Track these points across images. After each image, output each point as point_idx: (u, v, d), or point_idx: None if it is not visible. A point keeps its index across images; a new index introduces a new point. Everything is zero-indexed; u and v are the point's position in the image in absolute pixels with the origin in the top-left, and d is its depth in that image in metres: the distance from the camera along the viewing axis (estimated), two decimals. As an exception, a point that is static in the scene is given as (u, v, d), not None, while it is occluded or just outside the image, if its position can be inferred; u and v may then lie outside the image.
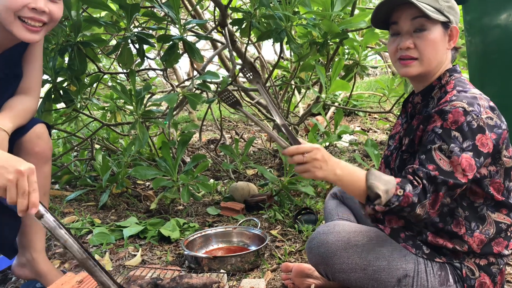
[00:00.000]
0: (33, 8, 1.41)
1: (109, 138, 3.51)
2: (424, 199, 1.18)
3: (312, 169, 1.19)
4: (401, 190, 1.17)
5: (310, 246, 1.37)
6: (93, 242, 2.11)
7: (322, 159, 1.19)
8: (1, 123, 1.46)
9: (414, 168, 1.21)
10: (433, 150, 1.20)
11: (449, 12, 1.28)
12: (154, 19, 2.47)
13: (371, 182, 1.19)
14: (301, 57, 2.67)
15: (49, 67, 2.31)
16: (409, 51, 1.29)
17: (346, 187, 1.23)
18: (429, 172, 1.18)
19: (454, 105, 1.20)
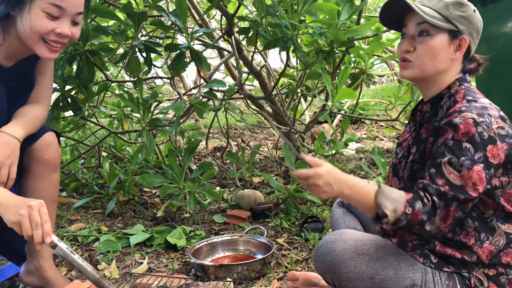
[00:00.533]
0: (59, 33, 1.47)
1: (116, 145, 3.52)
2: (433, 215, 1.17)
3: (315, 193, 1.23)
4: (410, 209, 1.17)
5: (317, 255, 1.36)
6: (100, 250, 2.12)
7: (324, 184, 1.20)
8: (13, 130, 1.50)
9: (425, 184, 1.20)
10: (442, 164, 1.19)
11: (459, 21, 1.28)
12: (162, 28, 2.49)
13: (379, 201, 1.18)
14: (307, 65, 2.68)
15: (58, 76, 2.34)
16: (407, 54, 1.31)
17: (356, 204, 1.25)
18: (439, 188, 1.17)
19: (464, 117, 1.19)
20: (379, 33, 2.70)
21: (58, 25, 1.47)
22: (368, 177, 3.10)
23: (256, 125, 5.08)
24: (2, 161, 1.43)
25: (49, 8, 1.44)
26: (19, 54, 1.58)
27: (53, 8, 1.45)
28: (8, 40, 1.52)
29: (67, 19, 1.49)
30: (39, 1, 1.44)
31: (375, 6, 4.70)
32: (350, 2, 2.46)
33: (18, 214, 1.22)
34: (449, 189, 1.17)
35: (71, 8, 1.48)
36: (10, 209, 1.25)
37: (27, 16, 1.45)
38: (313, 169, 1.21)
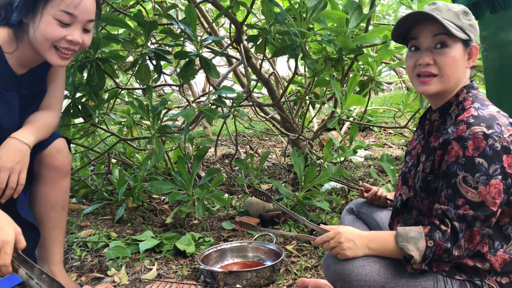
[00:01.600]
0: (70, 40, 1.48)
1: (126, 152, 3.55)
2: (457, 240, 1.18)
3: (341, 251, 1.28)
4: (431, 241, 1.19)
5: (327, 263, 1.36)
6: (110, 256, 2.13)
7: (346, 241, 1.27)
8: (24, 136, 1.51)
9: (443, 209, 1.21)
10: (458, 184, 1.19)
11: (470, 30, 1.28)
12: (171, 36, 2.51)
13: (401, 245, 1.22)
14: (316, 73, 2.69)
15: (69, 83, 2.36)
16: (428, 68, 1.28)
17: (382, 254, 1.29)
18: (458, 211, 1.18)
19: (473, 131, 1.18)
20: (387, 40, 2.70)
21: (69, 32, 1.49)
22: (377, 184, 3.09)
23: (264, 132, 5.09)
24: (12, 167, 1.44)
25: (61, 15, 1.46)
26: (31, 61, 1.60)
27: (65, 15, 1.47)
28: (21, 47, 1.55)
29: (78, 26, 1.51)
30: (51, 8, 1.46)
31: (384, 14, 4.71)
32: (358, 10, 2.47)
33: None
34: (469, 208, 1.17)
35: (82, 16, 1.50)
36: None
37: (38, 23, 1.47)
38: (332, 231, 1.30)
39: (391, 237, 1.25)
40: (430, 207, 1.33)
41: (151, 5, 3.51)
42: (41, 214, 1.66)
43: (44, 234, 1.67)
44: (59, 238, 1.71)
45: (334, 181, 2.48)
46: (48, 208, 1.67)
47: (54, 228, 1.68)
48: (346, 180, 2.94)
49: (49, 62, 1.54)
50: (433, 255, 1.19)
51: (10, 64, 1.54)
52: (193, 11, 2.24)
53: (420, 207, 1.36)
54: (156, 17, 3.24)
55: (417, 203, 1.36)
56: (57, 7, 1.46)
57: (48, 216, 1.67)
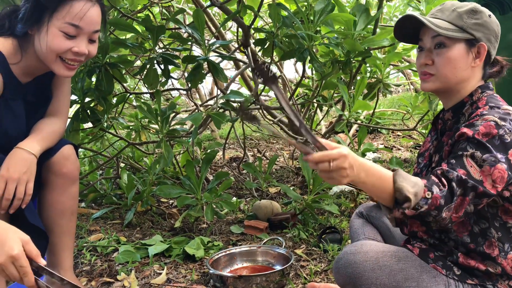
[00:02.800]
0: (76, 52, 1.49)
1: (134, 156, 3.56)
2: (450, 201, 1.14)
3: (338, 177, 1.10)
4: (429, 193, 1.14)
5: (337, 266, 1.35)
6: (119, 260, 2.13)
7: (349, 167, 1.09)
8: (30, 146, 1.51)
9: (444, 170, 1.17)
10: (464, 157, 1.17)
11: (475, 29, 1.27)
12: (179, 40, 2.52)
13: (400, 184, 1.12)
14: (324, 76, 2.68)
15: (78, 88, 2.38)
16: (427, 68, 1.32)
17: (371, 190, 1.17)
18: (459, 174, 1.15)
19: (486, 119, 1.19)
20: (395, 42, 2.69)
21: (75, 44, 1.50)
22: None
23: (272, 135, 5.08)
24: (19, 178, 1.45)
25: (66, 27, 1.47)
26: (36, 70, 1.60)
27: (70, 27, 1.47)
28: (26, 57, 1.55)
29: (84, 38, 1.52)
30: (56, 21, 1.47)
31: (391, 15, 4.70)
32: (366, 12, 2.46)
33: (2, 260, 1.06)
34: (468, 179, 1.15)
35: (88, 27, 1.50)
36: None
37: (44, 35, 1.48)
38: (337, 150, 1.09)
39: (389, 175, 1.15)
40: None
41: (159, 9, 3.53)
42: (50, 220, 1.67)
43: (53, 240, 1.68)
44: (69, 244, 1.72)
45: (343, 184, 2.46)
46: (57, 215, 1.67)
47: (63, 234, 1.69)
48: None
49: (56, 73, 1.56)
50: (426, 208, 1.12)
51: (15, 73, 1.55)
52: (201, 15, 2.24)
53: None
54: (163, 22, 3.25)
55: None
56: (63, 19, 1.47)
57: (57, 223, 1.68)
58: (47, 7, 1.47)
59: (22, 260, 1.08)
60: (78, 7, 1.47)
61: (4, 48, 1.51)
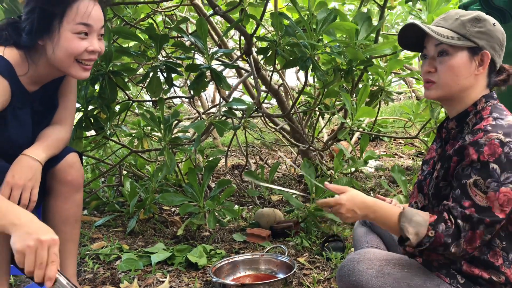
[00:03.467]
0: (91, 50, 1.52)
1: (137, 164, 3.56)
2: (458, 238, 1.18)
3: (342, 218, 1.28)
4: (433, 232, 1.19)
5: (341, 274, 1.35)
6: (122, 268, 2.13)
7: (346, 211, 1.26)
8: (35, 153, 1.52)
9: (450, 206, 1.21)
10: (468, 186, 1.19)
11: (479, 37, 1.27)
12: (182, 48, 2.53)
13: (402, 225, 1.22)
14: (326, 84, 2.69)
15: (81, 96, 2.39)
16: (429, 75, 1.33)
17: (381, 226, 1.30)
18: (464, 211, 1.18)
19: (490, 137, 1.18)
20: (397, 51, 2.70)
21: (90, 43, 1.52)
22: (389, 195, 3.07)
23: (274, 143, 5.09)
24: (24, 184, 1.45)
25: (78, 27, 1.49)
26: (44, 79, 1.61)
27: (82, 26, 1.49)
28: (34, 68, 1.56)
29: (95, 35, 1.54)
30: (67, 25, 1.48)
31: (393, 23, 4.72)
32: (368, 21, 2.47)
33: (25, 244, 1.10)
34: (475, 211, 1.17)
35: (96, 24, 1.53)
36: (21, 234, 1.12)
37: (58, 41, 1.49)
38: (334, 198, 1.27)
39: (395, 215, 1.25)
40: None
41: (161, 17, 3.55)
42: (55, 228, 1.65)
43: (56, 248, 1.68)
44: (72, 252, 1.72)
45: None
46: (61, 222, 1.68)
47: (67, 241, 1.69)
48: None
49: (73, 77, 1.57)
50: (429, 245, 1.19)
51: (23, 82, 1.56)
52: (204, 24, 2.26)
53: None
54: (166, 30, 3.27)
55: (431, 211, 1.36)
56: (73, 21, 1.48)
57: (61, 230, 1.68)
58: (55, 14, 1.48)
59: (57, 247, 1.13)
60: (84, 7, 1.50)
61: (11, 57, 1.52)
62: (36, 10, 1.49)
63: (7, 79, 1.48)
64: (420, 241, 1.19)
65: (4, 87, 1.48)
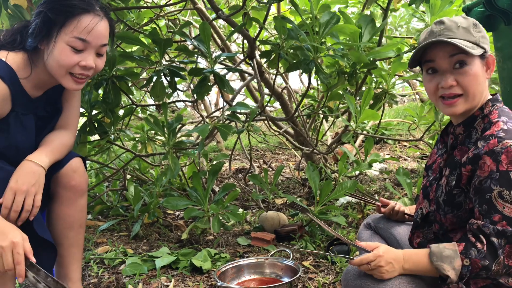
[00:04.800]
0: (84, 65, 1.51)
1: (140, 168, 3.57)
2: (496, 256, 1.16)
3: (379, 274, 1.25)
4: (467, 260, 1.17)
5: (346, 278, 1.35)
6: (126, 273, 2.13)
7: (386, 264, 1.24)
8: (38, 158, 1.52)
9: (480, 225, 1.19)
10: (493, 199, 1.17)
11: (483, 42, 1.28)
12: (186, 52, 2.54)
13: (436, 264, 1.20)
14: (330, 87, 2.69)
15: (85, 101, 2.39)
16: (452, 89, 1.27)
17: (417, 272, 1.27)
18: (496, 227, 1.16)
19: (505, 145, 1.17)
20: (401, 53, 2.70)
21: (83, 58, 1.51)
22: (393, 197, 3.06)
23: (278, 146, 5.09)
24: (27, 190, 1.45)
25: (74, 41, 1.49)
26: (46, 84, 1.62)
27: (78, 41, 1.49)
28: (36, 71, 1.57)
29: (92, 52, 1.53)
30: (64, 35, 1.49)
31: (396, 26, 4.71)
32: (372, 24, 2.47)
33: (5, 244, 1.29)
34: (506, 223, 1.15)
35: (95, 41, 1.52)
36: None
37: (53, 50, 1.50)
38: (372, 253, 1.26)
39: (425, 256, 1.23)
40: (454, 221, 1.31)
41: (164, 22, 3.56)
42: (59, 233, 1.68)
43: (62, 253, 1.68)
44: (77, 256, 1.72)
45: (350, 196, 2.46)
46: (66, 227, 1.68)
47: (72, 246, 1.69)
48: (362, 194, 2.92)
49: (65, 87, 1.57)
50: (470, 274, 1.17)
51: (26, 88, 1.57)
52: (207, 29, 2.26)
53: (443, 221, 1.34)
54: (169, 34, 3.28)
55: (440, 217, 1.35)
56: (71, 34, 1.49)
57: (66, 235, 1.68)
58: (56, 22, 1.49)
59: (20, 247, 1.30)
60: (86, 22, 1.49)
61: (14, 63, 1.52)
62: (41, 14, 1.50)
63: (7, 84, 1.49)
64: (459, 274, 1.18)
65: (3, 92, 1.48)
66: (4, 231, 1.32)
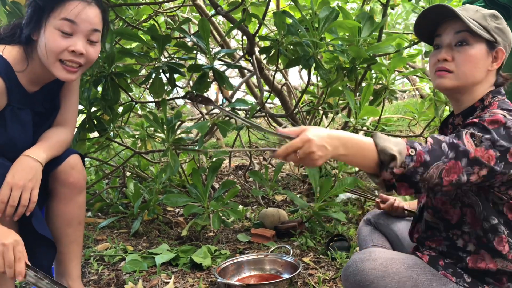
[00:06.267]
0: (73, 50, 1.49)
1: (140, 165, 3.56)
2: (438, 160, 1.11)
3: (312, 162, 1.08)
4: (413, 150, 1.11)
5: (346, 274, 1.34)
6: (126, 269, 2.13)
7: (317, 149, 1.06)
8: (36, 153, 1.52)
9: (435, 136, 1.15)
10: (464, 133, 1.15)
11: (496, 33, 1.27)
12: (185, 49, 2.53)
13: (382, 145, 1.10)
14: (329, 83, 2.68)
15: (84, 98, 2.39)
16: (445, 64, 1.29)
17: (354, 161, 1.13)
18: (452, 139, 1.14)
19: (494, 112, 1.19)
20: (400, 49, 2.69)
21: (72, 43, 1.49)
22: (393, 193, 3.05)
23: (278, 143, 5.08)
24: (24, 184, 1.45)
25: (62, 24, 1.47)
26: (43, 78, 1.61)
27: (66, 23, 1.47)
28: (31, 65, 1.55)
29: (81, 36, 1.50)
30: (53, 20, 1.48)
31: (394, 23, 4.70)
32: (370, 19, 2.46)
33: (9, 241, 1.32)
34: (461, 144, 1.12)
35: (84, 24, 1.49)
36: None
37: (42, 36, 1.49)
38: (299, 138, 1.07)
39: (369, 140, 1.12)
40: (443, 200, 1.30)
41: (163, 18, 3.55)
42: (58, 230, 1.67)
43: (61, 250, 1.68)
44: (76, 253, 1.72)
45: (350, 192, 2.45)
46: (65, 224, 1.67)
47: (71, 243, 1.69)
48: (362, 191, 2.92)
49: (57, 77, 1.54)
50: (412, 165, 1.10)
51: (22, 83, 1.56)
52: (206, 25, 2.25)
53: (434, 204, 1.34)
54: (168, 31, 3.27)
55: (430, 201, 1.35)
56: (58, 17, 1.47)
57: (65, 232, 1.68)
58: (44, 8, 1.48)
59: (22, 246, 1.34)
60: (73, 5, 1.48)
61: (10, 56, 1.52)
62: (32, 4, 1.50)
63: (2, 78, 1.48)
64: (402, 161, 1.10)
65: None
66: (5, 231, 1.35)
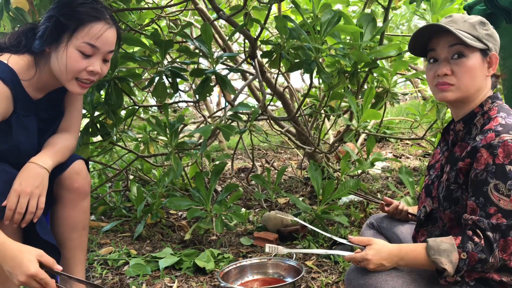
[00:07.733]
0: (91, 71, 1.53)
1: (143, 169, 3.57)
2: (492, 250, 1.17)
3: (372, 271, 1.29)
4: (464, 254, 1.18)
5: (349, 278, 1.35)
6: (130, 273, 2.13)
7: (375, 264, 1.27)
8: (42, 160, 1.53)
9: (475, 220, 1.20)
10: (489, 192, 1.18)
11: (487, 39, 1.29)
12: (187, 53, 2.54)
13: (433, 258, 1.21)
14: (331, 86, 2.69)
15: (87, 102, 2.40)
16: (446, 78, 1.30)
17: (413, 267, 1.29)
18: (490, 221, 1.17)
19: (502, 138, 1.18)
20: (402, 52, 2.69)
21: (90, 64, 1.54)
22: (396, 196, 3.06)
23: (280, 146, 5.09)
24: (31, 192, 1.46)
25: (84, 47, 1.51)
26: (48, 86, 1.63)
27: (88, 47, 1.52)
28: (39, 73, 1.58)
29: (99, 57, 1.56)
30: (75, 40, 1.51)
31: (397, 24, 4.71)
32: (373, 23, 2.47)
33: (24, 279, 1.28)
34: (501, 216, 1.16)
35: (104, 47, 1.55)
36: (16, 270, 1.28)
37: (62, 54, 1.52)
38: (360, 254, 1.29)
39: (422, 251, 1.24)
40: (451, 217, 1.32)
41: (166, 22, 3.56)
42: (62, 235, 1.68)
43: (66, 255, 1.68)
44: (81, 258, 1.73)
45: (353, 195, 2.46)
46: (69, 229, 1.68)
47: (75, 248, 1.70)
48: (365, 193, 2.92)
49: (70, 91, 1.59)
50: (467, 267, 1.19)
51: (27, 90, 1.57)
52: (208, 29, 2.26)
53: (442, 217, 1.35)
54: (171, 35, 3.28)
55: (440, 213, 1.36)
56: (81, 39, 1.51)
57: (69, 237, 1.69)
58: (67, 27, 1.51)
59: (39, 275, 1.29)
60: (97, 29, 1.52)
61: (16, 65, 1.53)
62: (53, 18, 1.52)
63: (9, 86, 1.50)
64: (456, 267, 1.19)
65: (5, 94, 1.49)
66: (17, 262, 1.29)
